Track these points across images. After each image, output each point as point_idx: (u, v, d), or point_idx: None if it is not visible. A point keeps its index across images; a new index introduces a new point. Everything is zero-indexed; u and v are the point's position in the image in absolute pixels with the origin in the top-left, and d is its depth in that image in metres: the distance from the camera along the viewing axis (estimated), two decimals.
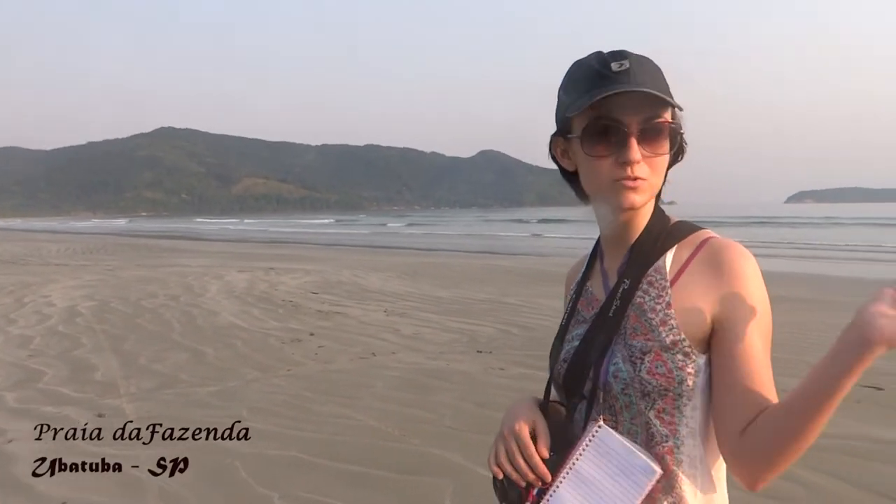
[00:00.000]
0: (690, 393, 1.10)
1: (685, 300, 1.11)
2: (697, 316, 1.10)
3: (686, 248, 1.15)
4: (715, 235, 1.15)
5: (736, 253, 1.11)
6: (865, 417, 5.01)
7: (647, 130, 1.10)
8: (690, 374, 1.09)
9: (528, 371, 6.52)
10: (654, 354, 1.10)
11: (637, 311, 1.13)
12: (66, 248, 29.52)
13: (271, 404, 5.50)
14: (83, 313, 10.02)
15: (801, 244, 29.01)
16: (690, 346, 1.09)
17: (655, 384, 1.09)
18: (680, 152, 1.19)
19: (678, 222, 1.20)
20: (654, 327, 1.11)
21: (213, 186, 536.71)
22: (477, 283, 14.18)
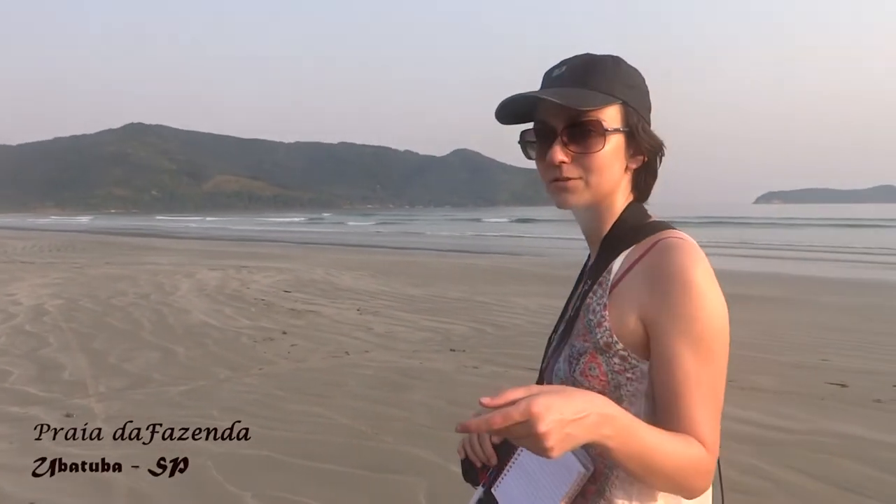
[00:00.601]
0: (631, 398, 1.07)
1: (620, 303, 1.09)
2: (629, 320, 1.07)
3: (639, 248, 1.13)
4: (672, 236, 1.10)
5: (677, 255, 1.06)
6: (831, 414, 5.11)
7: (572, 130, 1.11)
8: (630, 378, 1.07)
9: (500, 369, 6.55)
10: (589, 356, 1.10)
11: (585, 311, 1.14)
12: (33, 245, 28.98)
13: (243, 403, 5.46)
14: (50, 312, 9.85)
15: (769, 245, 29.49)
16: (626, 350, 1.07)
17: (588, 386, 1.08)
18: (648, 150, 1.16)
19: (651, 222, 1.17)
20: (592, 328, 1.11)
21: (184, 183, 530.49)
22: (450, 281, 14.20)
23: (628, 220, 1.17)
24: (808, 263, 20.24)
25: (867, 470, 4.09)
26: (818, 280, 15.29)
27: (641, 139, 1.14)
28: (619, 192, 1.18)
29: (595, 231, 1.21)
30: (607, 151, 1.12)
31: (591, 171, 1.13)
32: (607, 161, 1.13)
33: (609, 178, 1.14)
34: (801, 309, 10.35)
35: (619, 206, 1.19)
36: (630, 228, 1.16)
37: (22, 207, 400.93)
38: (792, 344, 7.63)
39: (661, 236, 1.11)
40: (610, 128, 1.11)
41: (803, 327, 8.71)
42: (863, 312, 10.15)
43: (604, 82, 1.12)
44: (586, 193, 1.14)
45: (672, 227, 1.15)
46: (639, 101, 1.15)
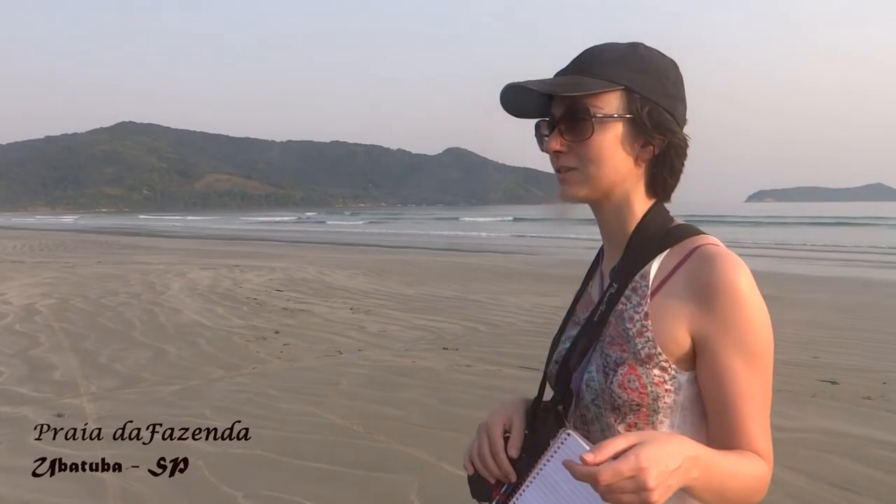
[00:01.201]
0: (667, 410, 1.05)
1: (664, 312, 1.05)
2: (675, 331, 1.04)
3: (676, 254, 1.08)
4: (710, 243, 1.07)
5: (723, 265, 1.02)
6: (822, 411, 5.14)
7: (565, 119, 1.08)
8: (669, 390, 1.04)
9: (493, 368, 6.55)
10: (628, 367, 1.05)
11: (617, 318, 1.08)
12: (24, 244, 28.83)
13: (235, 403, 5.44)
14: (41, 311, 9.80)
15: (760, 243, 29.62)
16: (668, 360, 1.04)
17: (626, 399, 1.05)
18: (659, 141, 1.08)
19: (678, 225, 1.12)
20: (631, 338, 1.05)
21: (176, 182, 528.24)
22: (443, 280, 14.19)
23: (654, 221, 1.12)
24: (799, 262, 20.34)
25: (858, 467, 4.12)
26: (809, 278, 15.37)
27: (645, 127, 1.07)
28: (633, 188, 1.12)
29: (613, 230, 1.16)
30: (603, 140, 1.07)
31: (585, 161, 1.08)
32: (604, 150, 1.07)
33: (610, 170, 1.09)
34: (791, 307, 10.40)
35: (637, 203, 1.12)
36: (657, 231, 1.11)
37: (12, 206, 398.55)
38: (783, 342, 7.66)
39: (699, 242, 1.07)
40: (601, 114, 1.06)
41: (794, 325, 8.74)
42: (854, 310, 10.22)
43: (606, 68, 1.07)
44: (584, 185, 1.10)
45: (701, 231, 1.11)
46: (650, 87, 1.08)
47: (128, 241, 33.53)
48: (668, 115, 1.08)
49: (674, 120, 1.09)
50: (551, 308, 10.14)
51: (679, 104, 1.11)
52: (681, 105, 1.12)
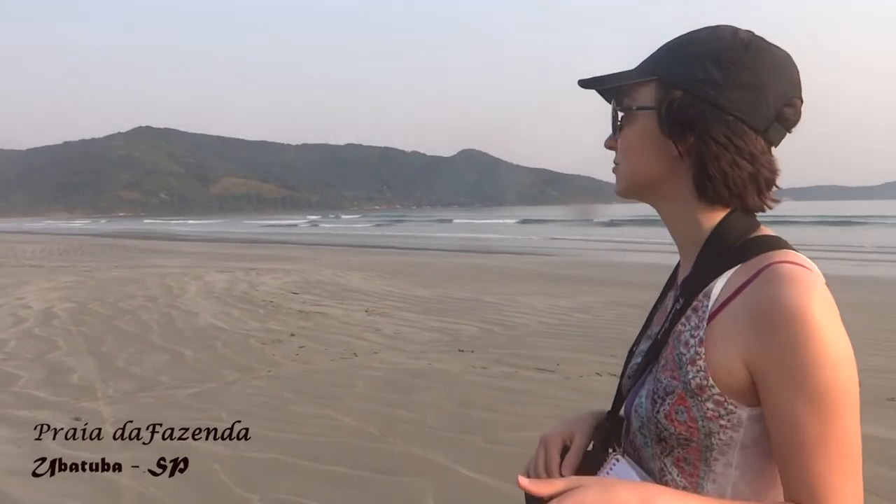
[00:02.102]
0: (724, 448, 0.93)
1: (720, 340, 0.91)
2: (729, 362, 0.90)
3: (745, 272, 0.93)
4: (785, 260, 0.91)
5: (788, 289, 0.87)
6: None
7: (618, 115, 1.05)
8: (724, 426, 0.91)
9: (509, 370, 6.52)
10: (677, 397, 0.93)
11: (675, 340, 0.97)
12: (42, 249, 29.13)
13: (251, 406, 5.45)
14: (60, 315, 9.88)
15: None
16: (723, 395, 0.90)
17: (673, 431, 0.94)
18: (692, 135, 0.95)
19: (758, 237, 0.97)
20: (683, 365, 0.94)
21: (193, 186, 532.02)
22: (457, 281, 14.17)
23: (732, 231, 0.97)
24: (819, 261, 20.11)
25: (882, 470, 4.04)
26: (829, 278, 15.13)
27: (663, 119, 0.96)
28: (680, 189, 1.00)
29: (678, 237, 1.05)
30: (631, 133, 1.02)
31: (621, 155, 1.05)
32: (632, 144, 1.02)
33: (641, 165, 1.01)
34: None
35: (695, 207, 0.99)
36: (731, 242, 0.96)
37: (32, 211, 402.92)
38: None
39: (772, 259, 0.91)
40: (629, 106, 1.02)
41: None
42: (876, 310, 10.06)
43: (654, 57, 1.02)
44: (620, 181, 1.05)
45: (787, 245, 0.95)
46: (685, 75, 0.95)
47: (145, 244, 33.79)
48: (707, 104, 0.93)
49: (717, 110, 0.93)
50: (566, 309, 10.08)
51: (736, 92, 0.93)
52: (740, 93, 0.93)
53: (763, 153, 0.95)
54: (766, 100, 0.93)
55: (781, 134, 0.97)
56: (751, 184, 0.95)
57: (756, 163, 0.94)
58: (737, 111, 0.93)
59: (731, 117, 0.93)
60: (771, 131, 0.95)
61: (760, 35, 0.97)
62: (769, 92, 0.93)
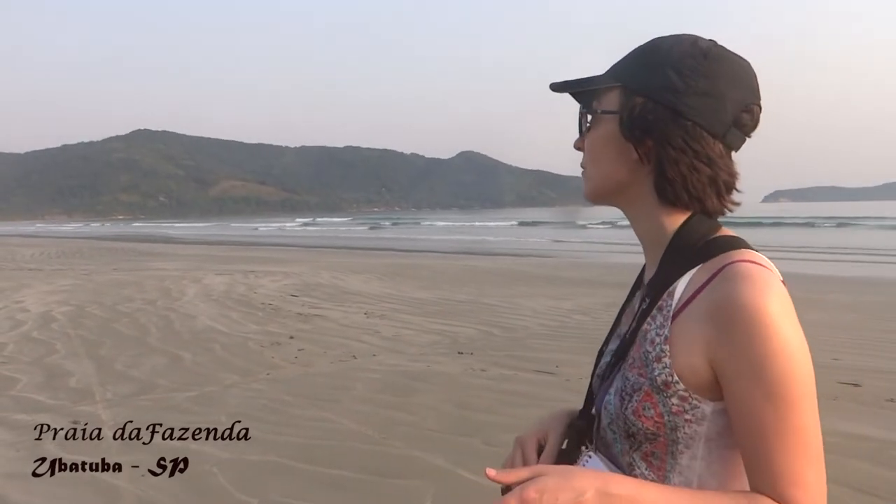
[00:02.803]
0: (689, 441, 0.96)
1: (683, 337, 0.94)
2: (692, 358, 0.93)
3: (705, 271, 0.96)
4: (743, 259, 0.94)
5: (746, 287, 0.90)
6: (843, 414, 5.06)
7: (585, 117, 1.08)
8: (689, 420, 0.95)
9: (508, 372, 6.51)
10: (644, 394, 0.96)
11: (641, 338, 1.00)
12: (41, 252, 29.09)
13: (250, 409, 5.44)
14: (58, 318, 9.87)
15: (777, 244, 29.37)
16: (687, 390, 0.94)
17: (641, 427, 0.97)
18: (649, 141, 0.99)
19: (718, 237, 1.00)
20: (650, 362, 0.97)
21: (192, 189, 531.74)
22: (456, 283, 14.17)
23: (694, 232, 1.00)
24: (817, 262, 20.12)
25: (882, 471, 4.04)
26: (827, 279, 15.18)
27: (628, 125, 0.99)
28: (643, 193, 1.03)
29: (643, 239, 1.08)
30: (595, 137, 1.06)
31: (591, 162, 1.08)
32: (597, 147, 1.05)
33: (603, 168, 1.05)
34: (810, 308, 10.27)
35: (657, 210, 1.02)
36: (693, 243, 0.99)
37: (30, 214, 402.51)
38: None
39: (732, 258, 0.94)
40: (595, 110, 1.05)
41: (813, 326, 8.63)
42: (874, 311, 10.08)
43: (619, 64, 1.05)
44: (586, 184, 1.09)
45: (746, 245, 0.98)
46: (647, 81, 0.99)
47: (144, 247, 33.75)
48: (668, 110, 0.96)
49: (678, 117, 0.96)
50: (565, 311, 10.08)
51: (695, 98, 0.95)
52: (699, 100, 0.96)
53: (722, 157, 0.98)
54: (724, 106, 0.97)
55: (740, 139, 1.00)
56: (710, 187, 0.99)
57: (714, 166, 0.98)
58: (695, 116, 0.96)
59: (690, 122, 0.96)
60: (729, 136, 0.98)
61: (722, 44, 1.00)
62: (727, 98, 0.97)
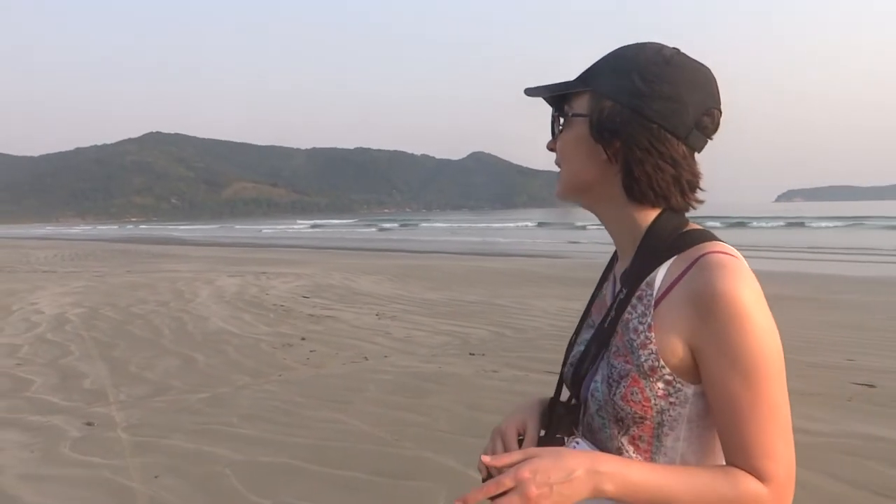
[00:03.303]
0: (673, 423, 1.03)
1: (665, 325, 1.01)
2: (675, 345, 1.01)
3: (682, 262, 1.03)
4: (716, 251, 1.01)
5: (724, 275, 0.97)
6: (858, 415, 5.01)
7: (558, 120, 1.15)
8: (673, 403, 1.02)
9: (520, 373, 6.50)
10: (631, 380, 1.03)
11: (623, 328, 1.06)
12: (55, 254, 29.32)
13: (263, 410, 5.46)
14: (72, 320, 9.93)
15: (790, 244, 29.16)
16: (672, 374, 1.01)
17: (630, 411, 1.03)
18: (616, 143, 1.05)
19: (690, 230, 1.08)
20: (635, 349, 1.03)
21: (203, 191, 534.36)
22: (467, 284, 14.16)
23: (665, 226, 1.08)
24: (831, 262, 19.98)
25: (894, 472, 4.00)
26: (842, 278, 15.07)
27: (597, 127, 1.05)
28: (610, 191, 1.09)
29: (615, 233, 1.15)
30: (567, 138, 1.12)
31: (565, 161, 1.14)
32: (568, 148, 1.12)
33: (577, 169, 1.11)
34: (824, 308, 10.20)
35: (629, 207, 1.09)
36: (666, 237, 1.07)
37: (44, 218, 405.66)
38: (817, 344, 7.51)
39: (706, 250, 1.02)
40: (567, 113, 1.12)
41: (827, 327, 8.57)
42: (889, 311, 9.98)
43: (591, 70, 1.11)
44: (559, 183, 1.15)
45: (715, 238, 1.06)
46: (616, 86, 1.05)
47: (158, 249, 33.95)
48: (635, 114, 1.03)
49: (643, 120, 1.02)
50: (577, 312, 9.93)
51: (658, 102, 1.02)
52: (663, 104, 1.02)
53: (685, 158, 1.06)
54: (686, 109, 1.04)
55: (702, 141, 1.07)
56: (674, 186, 1.06)
57: (678, 166, 1.05)
58: (660, 119, 1.03)
59: (655, 125, 1.03)
60: (691, 138, 1.05)
61: (684, 52, 1.08)
62: (689, 103, 1.04)
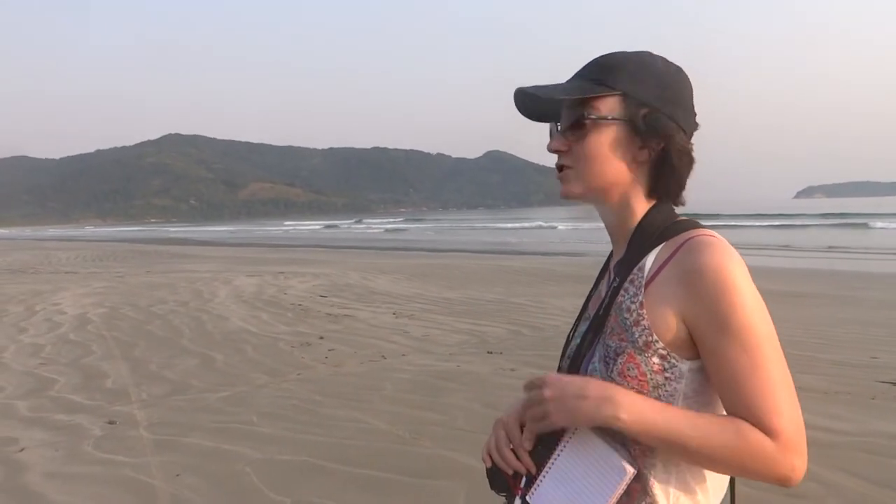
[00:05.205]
0: (669, 399, 1.08)
1: (657, 302, 1.09)
2: (668, 320, 1.07)
3: (670, 246, 1.12)
4: (701, 234, 1.10)
5: (709, 253, 1.06)
6: (883, 414, 4.95)
7: (565, 121, 1.18)
8: (668, 378, 1.08)
9: (538, 371, 6.44)
10: (627, 356, 1.09)
11: (616, 309, 1.13)
12: (76, 255, 29.66)
13: (281, 409, 5.48)
14: (94, 320, 10.04)
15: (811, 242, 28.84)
16: (666, 349, 1.07)
17: (627, 386, 1.07)
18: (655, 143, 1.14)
19: (678, 220, 1.17)
20: (629, 327, 1.10)
21: (221, 192, 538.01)
22: (485, 283, 14.14)
23: (655, 218, 1.17)
24: (853, 259, 19.74)
25: None
26: (865, 276, 14.89)
27: (641, 131, 1.13)
28: (631, 189, 1.17)
29: (615, 227, 1.23)
30: (598, 140, 1.15)
31: (580, 160, 1.16)
32: (600, 151, 1.15)
33: (605, 170, 1.15)
34: (847, 305, 10.08)
35: (637, 204, 1.18)
36: (657, 227, 1.16)
37: (65, 219, 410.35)
38: (840, 342, 7.42)
39: (691, 234, 1.11)
40: (595, 115, 1.14)
41: (850, 324, 8.47)
42: None
43: (607, 74, 1.15)
44: (578, 184, 1.17)
45: (700, 225, 1.15)
46: (648, 92, 1.14)
47: (177, 250, 34.23)
48: (668, 119, 1.13)
49: (675, 124, 1.14)
50: None
51: (679, 109, 1.15)
52: (681, 110, 1.15)
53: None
54: (691, 112, 1.18)
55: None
56: (686, 179, 1.19)
57: (692, 163, 1.17)
58: (681, 121, 1.15)
59: (681, 129, 1.15)
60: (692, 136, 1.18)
61: None
62: (690, 106, 1.18)
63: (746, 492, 1.19)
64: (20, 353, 7.87)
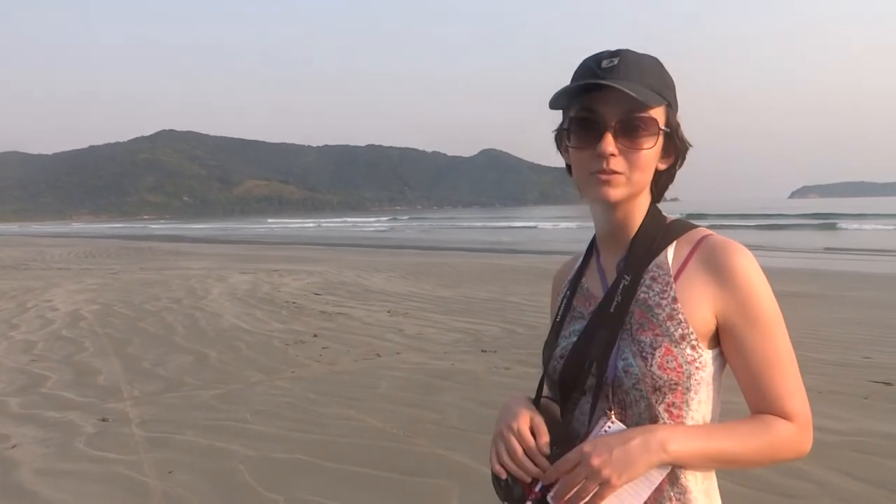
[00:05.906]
0: (697, 387, 1.14)
1: (689, 296, 1.14)
2: (702, 312, 1.13)
3: (685, 244, 1.19)
4: (712, 233, 1.18)
5: (733, 252, 1.14)
6: (875, 414, 4.96)
7: (626, 125, 1.12)
8: (698, 368, 1.13)
9: (532, 370, 6.48)
10: (665, 349, 1.12)
11: (642, 306, 1.16)
12: (69, 252, 29.54)
13: (275, 407, 5.47)
14: (86, 317, 10.00)
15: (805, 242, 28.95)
16: (697, 340, 1.13)
17: (667, 379, 1.11)
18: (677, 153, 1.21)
19: (675, 220, 1.23)
20: (662, 322, 1.13)
21: (215, 189, 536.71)
22: (480, 282, 14.14)
23: (656, 219, 1.22)
24: (847, 259, 19.81)
25: None
26: (858, 275, 14.95)
27: (676, 141, 1.19)
28: (646, 192, 1.22)
29: (616, 228, 1.23)
30: (653, 151, 1.16)
31: (635, 168, 1.15)
32: (651, 160, 1.16)
33: (647, 177, 1.18)
34: (840, 305, 10.12)
35: (643, 205, 1.22)
36: (659, 227, 1.21)
37: (58, 215, 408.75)
38: (833, 342, 7.45)
39: (703, 233, 1.19)
40: (659, 127, 1.15)
41: (844, 324, 8.50)
42: None
43: (656, 81, 1.15)
44: (625, 189, 1.16)
45: (694, 224, 1.23)
46: (676, 102, 1.19)
47: (170, 247, 34.14)
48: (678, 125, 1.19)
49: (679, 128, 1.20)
50: None
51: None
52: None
53: None
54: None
55: None
56: None
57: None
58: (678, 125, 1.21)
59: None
60: None
61: None
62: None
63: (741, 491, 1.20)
64: (11, 350, 7.83)
